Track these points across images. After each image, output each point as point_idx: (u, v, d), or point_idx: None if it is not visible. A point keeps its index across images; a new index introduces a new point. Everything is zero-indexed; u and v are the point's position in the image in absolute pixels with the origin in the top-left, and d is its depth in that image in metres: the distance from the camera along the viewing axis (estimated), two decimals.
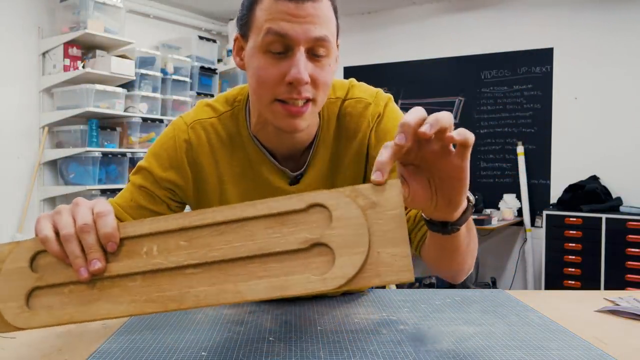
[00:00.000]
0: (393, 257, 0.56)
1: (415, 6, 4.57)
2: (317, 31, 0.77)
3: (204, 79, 4.33)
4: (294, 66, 0.77)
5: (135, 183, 0.95)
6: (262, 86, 0.81)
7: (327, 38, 0.78)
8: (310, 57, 0.79)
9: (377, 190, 0.59)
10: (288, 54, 0.78)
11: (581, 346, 0.82)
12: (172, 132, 0.95)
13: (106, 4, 3.47)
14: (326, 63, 0.81)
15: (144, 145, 3.76)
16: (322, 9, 0.78)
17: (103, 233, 0.61)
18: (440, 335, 0.88)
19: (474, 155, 4.36)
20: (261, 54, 0.79)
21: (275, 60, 0.78)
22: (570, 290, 1.23)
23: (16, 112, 3.42)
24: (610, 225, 3.54)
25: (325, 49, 0.79)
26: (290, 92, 0.79)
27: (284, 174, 0.93)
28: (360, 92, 0.94)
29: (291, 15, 0.76)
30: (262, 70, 0.80)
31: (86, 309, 0.60)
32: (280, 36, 0.76)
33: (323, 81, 0.81)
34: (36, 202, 3.51)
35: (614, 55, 3.86)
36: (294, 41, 0.77)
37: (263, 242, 0.58)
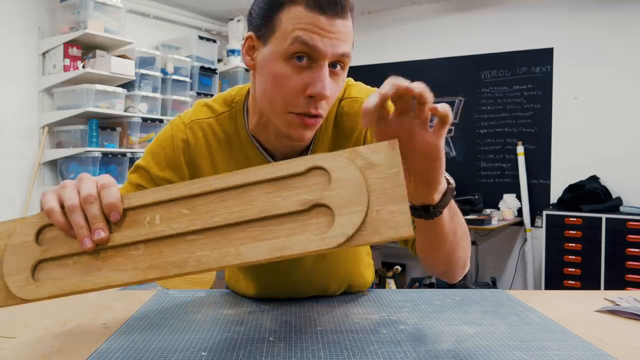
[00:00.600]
0: (392, 214, 0.57)
1: (415, 6, 4.57)
2: (343, 47, 0.77)
3: (204, 79, 4.33)
4: (319, 81, 0.76)
5: (132, 181, 0.94)
6: (279, 94, 0.79)
7: (349, 55, 0.79)
8: (330, 70, 0.79)
9: (375, 151, 0.60)
10: (312, 65, 0.77)
11: (581, 346, 0.82)
12: (170, 132, 0.94)
13: (106, 4, 3.47)
14: (341, 78, 0.81)
15: (144, 145, 3.76)
16: (349, 27, 0.78)
17: (107, 203, 0.62)
18: (440, 335, 0.88)
19: (474, 155, 4.36)
20: (283, 61, 0.78)
21: (298, 70, 0.77)
22: (570, 290, 1.23)
23: (16, 112, 3.42)
24: (610, 225, 3.54)
25: (344, 64, 0.80)
26: (308, 105, 0.78)
27: None
28: (357, 92, 0.95)
29: (322, 29, 0.75)
30: (283, 78, 0.78)
31: (90, 277, 0.61)
32: (309, 47, 0.75)
33: (334, 95, 0.82)
34: (36, 202, 3.51)
35: (614, 55, 3.86)
36: (322, 55, 0.76)
37: (263, 206, 0.59)
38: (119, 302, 1.07)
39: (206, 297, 1.11)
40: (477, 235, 4.07)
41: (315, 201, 0.58)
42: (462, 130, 4.42)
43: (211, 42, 4.45)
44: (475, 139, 4.37)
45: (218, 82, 4.51)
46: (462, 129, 4.42)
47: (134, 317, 0.97)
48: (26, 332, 0.89)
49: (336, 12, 0.75)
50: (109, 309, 1.02)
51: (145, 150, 0.97)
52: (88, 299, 1.10)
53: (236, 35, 4.65)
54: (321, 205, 0.58)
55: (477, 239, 4.06)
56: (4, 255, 0.64)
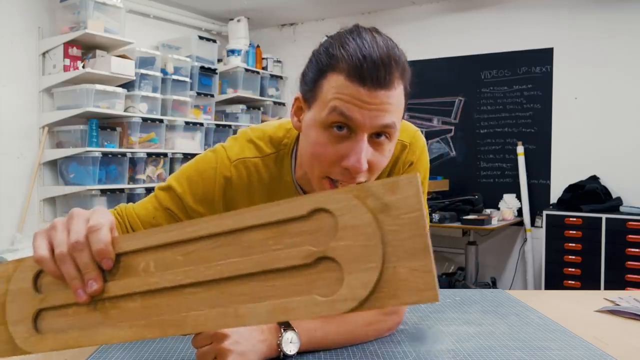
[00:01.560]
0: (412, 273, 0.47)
1: (415, 6, 4.57)
2: (385, 119, 0.73)
3: (204, 79, 4.33)
4: (354, 153, 0.73)
5: (162, 202, 0.90)
6: (316, 161, 0.77)
7: (394, 125, 0.75)
8: (372, 141, 0.75)
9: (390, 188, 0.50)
10: (350, 136, 0.74)
11: (581, 346, 0.82)
12: (214, 165, 0.89)
13: (106, 4, 3.47)
14: (386, 147, 0.77)
15: (144, 145, 3.76)
16: (394, 97, 0.74)
17: (96, 250, 0.57)
18: (440, 335, 0.88)
19: (474, 155, 4.36)
20: (321, 129, 0.75)
21: (335, 139, 0.74)
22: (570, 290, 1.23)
23: (16, 112, 3.42)
24: (610, 225, 3.54)
25: (390, 135, 0.76)
26: (344, 175, 0.76)
27: None
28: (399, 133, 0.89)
29: (361, 100, 0.71)
30: (320, 147, 0.76)
31: (89, 333, 0.59)
32: (346, 118, 0.72)
33: (379, 166, 0.78)
34: (36, 202, 3.51)
35: (614, 55, 3.86)
36: (360, 127, 0.73)
37: (262, 257, 0.53)
38: None
39: None
40: (477, 235, 4.07)
41: (320, 253, 0.50)
42: (462, 130, 4.42)
43: (211, 42, 4.45)
44: (475, 139, 4.37)
45: (218, 82, 4.51)
46: (462, 129, 4.42)
47: None
48: None
49: (378, 84, 0.71)
50: None
51: (180, 171, 0.92)
52: None
53: (236, 35, 4.65)
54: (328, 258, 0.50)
55: (477, 239, 4.06)
56: (6, 302, 0.62)
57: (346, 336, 0.82)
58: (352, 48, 0.72)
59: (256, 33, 5.10)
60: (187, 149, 4.05)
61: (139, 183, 3.71)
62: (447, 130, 4.48)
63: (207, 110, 4.35)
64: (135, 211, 0.90)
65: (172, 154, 3.96)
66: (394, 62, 0.73)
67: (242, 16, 4.67)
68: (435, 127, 4.50)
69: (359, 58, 0.71)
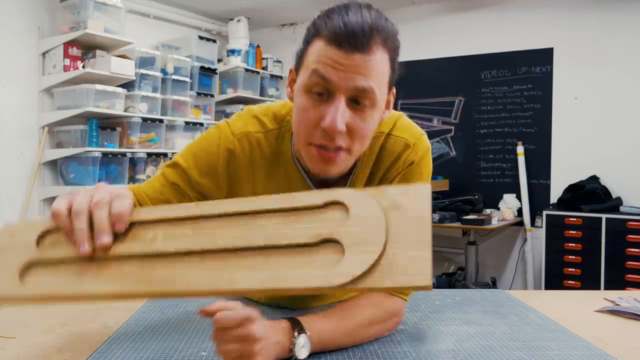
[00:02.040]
0: (410, 259, 0.50)
1: (415, 6, 4.57)
2: (361, 82, 0.76)
3: (204, 79, 4.33)
4: (329, 113, 0.76)
5: (168, 178, 0.93)
6: (299, 126, 0.81)
7: (371, 90, 0.77)
8: (351, 105, 0.78)
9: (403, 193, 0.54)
10: (329, 98, 0.77)
11: (581, 346, 0.82)
12: (217, 139, 0.92)
13: (106, 4, 3.47)
14: (367, 113, 0.79)
15: (144, 145, 3.76)
16: (372, 62, 0.76)
17: (116, 212, 0.61)
18: (440, 335, 0.88)
19: (474, 155, 4.36)
20: (304, 93, 0.80)
21: (316, 102, 0.78)
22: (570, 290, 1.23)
23: (16, 112, 3.42)
24: (610, 225, 3.54)
25: (369, 100, 0.78)
26: (324, 137, 0.78)
27: None
28: (404, 131, 0.93)
29: (338, 63, 0.75)
30: (302, 110, 0.80)
31: (74, 285, 0.59)
32: (323, 80, 0.76)
33: (361, 132, 0.79)
34: (36, 202, 3.51)
35: (614, 55, 3.86)
36: (336, 87, 0.76)
37: (270, 235, 0.55)
38: (119, 302, 1.07)
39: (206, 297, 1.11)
40: (477, 235, 4.07)
41: (326, 235, 0.53)
42: (462, 130, 4.42)
43: (211, 42, 4.45)
44: (475, 139, 4.37)
45: (218, 82, 4.51)
46: (462, 129, 4.42)
47: (134, 317, 0.97)
48: (26, 332, 0.89)
49: (355, 48, 0.74)
50: (109, 309, 1.02)
51: (186, 148, 0.95)
52: None
53: (236, 35, 4.65)
54: (332, 240, 0.53)
55: (477, 239, 4.06)
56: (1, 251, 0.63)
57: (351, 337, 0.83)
58: (336, 17, 0.77)
59: (256, 33, 5.10)
60: None
61: (139, 183, 3.70)
62: (447, 130, 4.48)
63: (207, 110, 4.35)
64: (143, 189, 0.93)
65: (172, 154, 3.96)
66: (375, 30, 0.76)
67: (242, 16, 4.67)
68: (435, 127, 4.50)
69: (339, 25, 0.75)
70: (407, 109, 4.56)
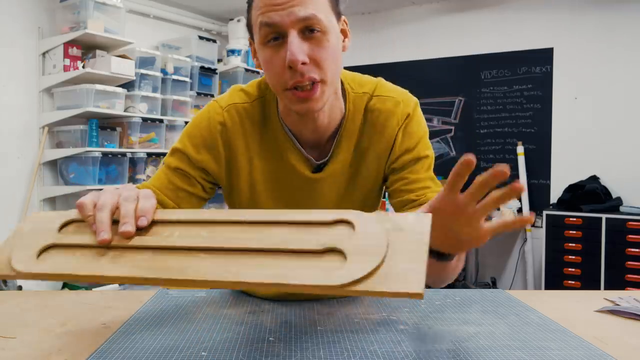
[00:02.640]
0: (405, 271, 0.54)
1: (415, 6, 4.57)
2: (301, 12, 0.80)
3: (204, 79, 4.33)
4: (287, 50, 0.80)
5: (170, 165, 0.97)
6: (271, 77, 0.85)
7: (314, 16, 0.80)
8: (304, 37, 0.81)
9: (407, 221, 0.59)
10: (283, 40, 0.82)
11: (581, 346, 0.82)
12: (207, 114, 0.97)
13: (106, 4, 3.47)
14: (323, 39, 0.83)
15: (144, 145, 3.76)
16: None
17: (142, 207, 0.65)
18: (440, 335, 0.88)
19: (474, 155, 4.36)
20: (263, 47, 0.84)
21: (275, 49, 0.83)
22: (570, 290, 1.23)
23: (16, 112, 3.42)
24: (610, 225, 3.54)
25: (319, 26, 0.81)
26: (294, 76, 0.82)
27: (308, 161, 0.97)
28: (390, 91, 0.98)
29: (275, 4, 0.80)
30: (267, 62, 0.84)
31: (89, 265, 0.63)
32: (269, 26, 0.81)
33: (324, 58, 0.83)
34: (36, 202, 3.51)
35: (614, 56, 3.86)
36: (282, 26, 0.80)
37: (280, 240, 0.60)
38: (119, 302, 1.07)
39: (206, 297, 1.11)
40: None
41: (331, 245, 0.58)
42: (462, 130, 4.42)
43: (211, 42, 4.45)
44: (475, 139, 4.37)
45: (218, 82, 4.51)
46: (462, 129, 4.42)
47: (134, 317, 0.97)
48: (26, 332, 0.89)
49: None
50: (109, 309, 1.02)
51: (181, 134, 0.99)
52: (88, 299, 1.10)
53: (236, 35, 4.65)
54: (337, 250, 0.58)
55: None
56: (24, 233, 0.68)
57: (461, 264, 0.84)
58: None
59: None
60: None
61: (139, 183, 3.70)
62: (447, 130, 4.48)
63: None
64: (153, 184, 0.97)
65: None
66: None
67: (242, 16, 4.67)
68: (435, 127, 4.50)
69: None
70: None
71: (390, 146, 0.96)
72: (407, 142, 0.95)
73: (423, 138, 0.97)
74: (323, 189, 0.97)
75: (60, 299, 1.10)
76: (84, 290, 1.21)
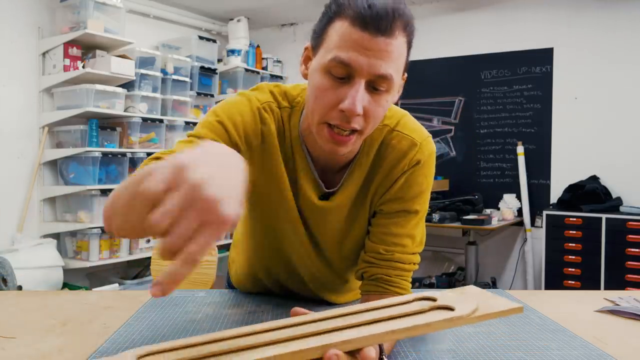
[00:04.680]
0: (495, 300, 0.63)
1: (415, 6, 4.57)
2: (382, 68, 0.76)
3: (204, 79, 4.33)
4: (349, 96, 0.76)
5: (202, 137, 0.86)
6: (316, 105, 0.80)
7: (391, 76, 0.77)
8: (369, 89, 0.78)
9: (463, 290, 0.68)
10: (349, 81, 0.77)
11: (581, 346, 0.82)
12: (248, 104, 0.90)
13: (106, 4, 3.47)
14: (384, 98, 0.79)
15: (144, 145, 3.76)
16: (394, 46, 0.76)
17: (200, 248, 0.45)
18: (440, 335, 0.88)
19: (474, 155, 4.37)
20: (323, 74, 0.79)
21: (335, 83, 0.78)
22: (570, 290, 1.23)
23: (16, 112, 3.42)
24: (610, 225, 3.54)
25: (387, 85, 0.78)
26: (341, 119, 0.78)
27: (318, 187, 0.93)
28: (411, 130, 0.92)
29: (362, 46, 0.75)
30: (320, 90, 0.79)
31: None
32: (345, 65, 0.76)
33: (376, 115, 0.80)
34: (36, 202, 3.51)
35: (614, 55, 3.86)
36: (357, 72, 0.76)
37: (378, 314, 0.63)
38: (119, 302, 1.07)
39: (206, 297, 1.11)
40: (477, 235, 4.07)
41: (433, 303, 0.63)
42: (462, 130, 4.42)
43: (211, 42, 4.45)
44: (475, 139, 4.37)
45: (218, 82, 4.51)
46: (462, 129, 4.42)
47: (134, 317, 0.97)
48: (26, 332, 0.89)
49: (379, 30, 0.74)
50: (109, 309, 1.02)
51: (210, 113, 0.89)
52: (88, 299, 1.10)
53: (236, 35, 4.65)
54: (440, 307, 0.62)
55: (477, 239, 4.06)
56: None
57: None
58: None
59: (256, 33, 5.10)
60: None
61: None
62: (447, 130, 4.48)
63: (207, 110, 4.35)
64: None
65: None
66: (397, 13, 0.75)
67: (242, 16, 4.67)
68: (435, 127, 4.50)
69: (364, 6, 0.75)
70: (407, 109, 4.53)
71: (389, 186, 0.91)
72: (404, 190, 0.91)
73: (423, 193, 0.92)
74: (327, 216, 0.94)
75: (60, 299, 1.10)
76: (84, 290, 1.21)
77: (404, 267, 0.91)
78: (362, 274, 0.93)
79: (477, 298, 0.65)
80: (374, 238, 0.92)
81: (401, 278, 0.92)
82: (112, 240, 3.55)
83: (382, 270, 0.91)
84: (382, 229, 0.92)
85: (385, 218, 0.92)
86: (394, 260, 0.90)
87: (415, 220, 0.92)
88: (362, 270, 0.93)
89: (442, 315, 0.60)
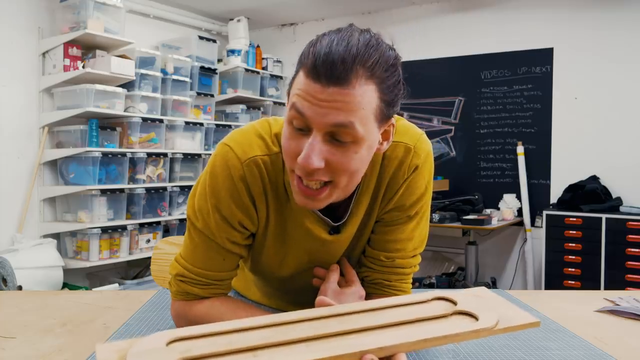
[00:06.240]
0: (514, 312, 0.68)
1: (415, 6, 4.57)
2: (337, 117, 0.71)
3: (204, 79, 4.33)
4: (305, 149, 0.73)
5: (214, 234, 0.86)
6: (285, 155, 0.78)
7: (351, 125, 0.72)
8: (330, 141, 0.74)
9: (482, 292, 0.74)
10: (308, 133, 0.74)
11: (581, 346, 0.82)
12: (227, 170, 0.84)
13: (106, 4, 3.47)
14: (351, 149, 0.74)
15: (144, 145, 3.76)
16: (351, 96, 0.71)
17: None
18: None
19: (474, 155, 4.36)
20: (287, 124, 0.77)
21: (296, 134, 0.75)
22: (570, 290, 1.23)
23: (16, 112, 3.42)
24: (610, 225, 3.54)
25: (350, 136, 0.73)
26: (302, 172, 0.75)
27: (324, 223, 0.89)
28: (402, 135, 0.88)
29: (314, 97, 0.72)
30: (286, 140, 0.77)
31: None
32: (300, 114, 0.73)
33: (345, 168, 0.75)
34: (36, 202, 3.51)
35: (614, 55, 3.86)
36: (312, 123, 0.73)
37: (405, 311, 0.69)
38: (119, 302, 1.07)
39: None
40: (477, 235, 4.07)
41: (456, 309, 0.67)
42: (462, 130, 4.42)
43: (211, 42, 4.45)
44: (475, 139, 4.37)
45: (218, 82, 4.51)
46: (462, 129, 4.42)
47: (134, 317, 0.97)
48: (26, 332, 0.89)
49: (330, 81, 0.70)
50: (109, 309, 1.02)
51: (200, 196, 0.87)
52: (88, 299, 1.10)
53: (236, 35, 4.65)
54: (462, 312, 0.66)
55: (477, 239, 4.06)
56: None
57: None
58: (321, 46, 0.72)
59: (256, 33, 5.10)
60: (187, 149, 4.05)
61: (139, 183, 3.71)
62: (447, 130, 4.48)
63: (207, 110, 4.35)
64: (206, 267, 0.88)
65: (172, 154, 3.96)
66: (358, 61, 0.71)
67: (242, 16, 4.67)
68: (435, 127, 4.50)
69: (320, 55, 0.71)
70: (407, 109, 4.56)
71: (391, 197, 0.89)
72: (405, 198, 0.89)
73: (424, 195, 0.90)
74: (338, 249, 0.92)
75: (60, 299, 1.10)
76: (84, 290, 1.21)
77: (404, 271, 0.92)
78: (362, 277, 0.94)
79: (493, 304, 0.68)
80: (375, 245, 0.92)
81: (402, 282, 0.93)
82: (112, 240, 3.55)
83: (383, 276, 0.92)
84: (383, 237, 0.91)
85: (387, 226, 0.91)
86: (395, 266, 0.91)
87: (415, 222, 0.91)
88: (363, 275, 0.94)
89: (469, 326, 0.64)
